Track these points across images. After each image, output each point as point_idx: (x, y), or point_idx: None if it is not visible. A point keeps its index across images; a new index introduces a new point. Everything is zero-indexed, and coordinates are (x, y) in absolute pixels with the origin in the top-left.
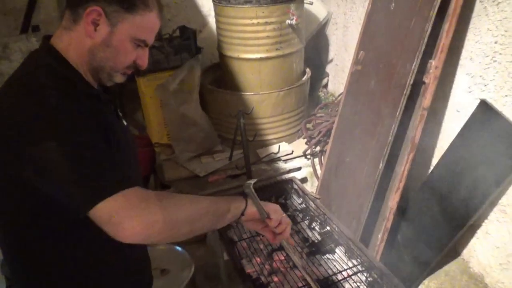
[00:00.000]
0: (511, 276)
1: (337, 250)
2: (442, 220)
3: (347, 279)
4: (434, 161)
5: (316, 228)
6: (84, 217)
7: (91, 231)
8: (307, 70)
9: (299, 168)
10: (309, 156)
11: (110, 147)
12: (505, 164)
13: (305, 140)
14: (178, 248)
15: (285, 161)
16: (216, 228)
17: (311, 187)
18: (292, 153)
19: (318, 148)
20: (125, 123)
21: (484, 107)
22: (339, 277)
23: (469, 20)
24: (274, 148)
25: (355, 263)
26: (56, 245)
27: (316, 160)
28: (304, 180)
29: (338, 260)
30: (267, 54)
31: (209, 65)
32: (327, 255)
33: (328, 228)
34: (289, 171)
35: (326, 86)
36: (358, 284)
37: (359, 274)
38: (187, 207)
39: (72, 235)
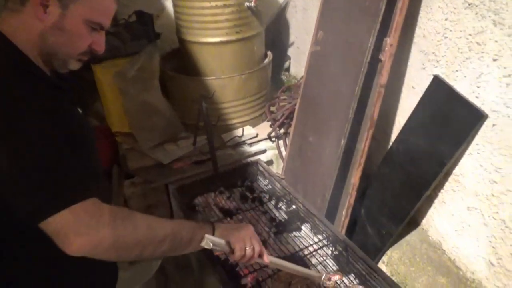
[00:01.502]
0: (465, 241)
1: (303, 227)
2: (402, 192)
3: (313, 253)
4: (393, 136)
5: (283, 207)
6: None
7: None
8: (269, 53)
9: (264, 151)
10: (273, 139)
11: (68, 144)
12: (457, 135)
13: (269, 123)
14: None
15: (250, 144)
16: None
17: (276, 168)
18: (256, 136)
19: (282, 130)
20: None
21: (437, 82)
22: (306, 252)
23: None
24: (238, 132)
25: (321, 238)
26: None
27: (281, 142)
28: (270, 162)
29: (305, 237)
30: (227, 37)
31: (169, 51)
32: (294, 232)
33: (294, 207)
34: (255, 154)
35: (288, 69)
36: (324, 257)
37: (324, 248)
38: (141, 231)
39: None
